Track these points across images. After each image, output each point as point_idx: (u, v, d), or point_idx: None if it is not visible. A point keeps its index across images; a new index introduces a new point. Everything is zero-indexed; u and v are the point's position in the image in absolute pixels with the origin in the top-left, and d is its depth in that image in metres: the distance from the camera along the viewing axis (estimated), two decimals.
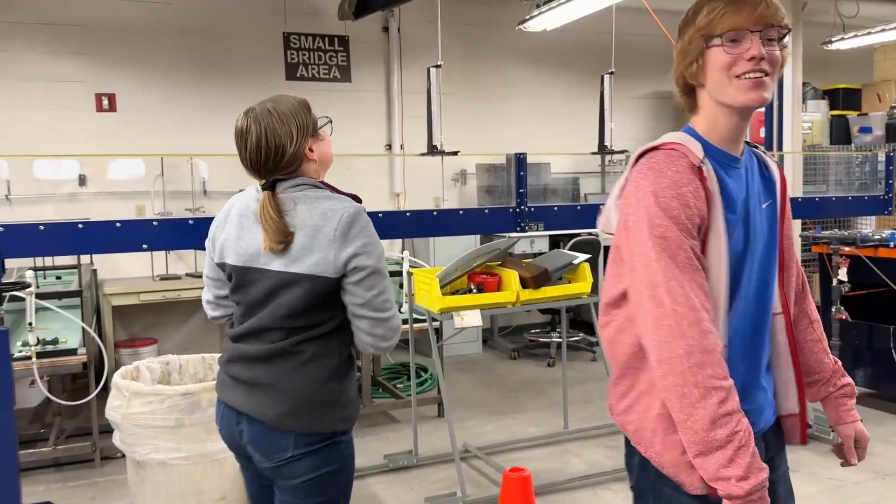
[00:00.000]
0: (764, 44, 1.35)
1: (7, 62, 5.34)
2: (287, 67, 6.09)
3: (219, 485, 2.93)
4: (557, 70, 7.05)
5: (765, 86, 1.35)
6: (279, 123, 1.89)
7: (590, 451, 4.02)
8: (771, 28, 1.36)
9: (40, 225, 2.81)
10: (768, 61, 1.35)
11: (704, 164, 1.37)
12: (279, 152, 1.87)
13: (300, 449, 1.76)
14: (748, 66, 1.34)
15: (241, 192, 2.05)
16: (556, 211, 3.64)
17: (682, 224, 1.31)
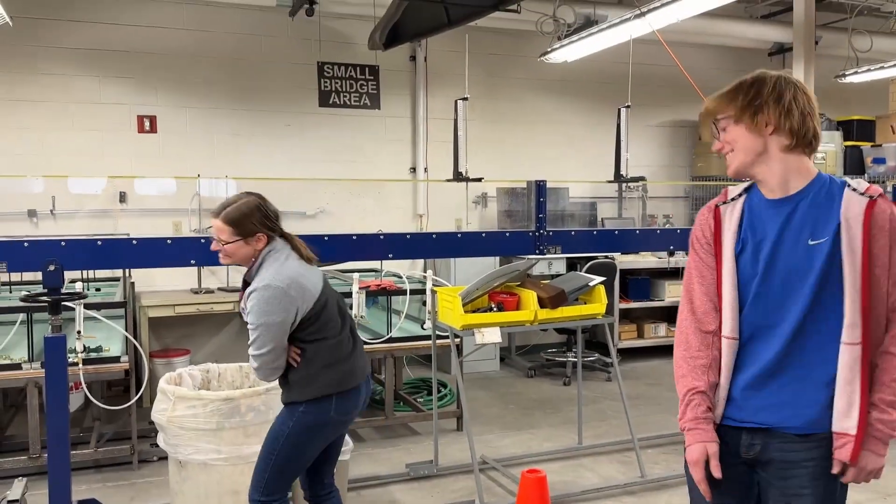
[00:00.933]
0: (719, 133, 1.81)
1: (57, 85, 5.67)
2: (320, 95, 6.39)
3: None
4: (577, 99, 7.28)
5: (729, 162, 1.81)
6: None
7: (603, 466, 4.18)
8: (715, 121, 1.81)
9: (98, 240, 3.07)
10: (724, 143, 1.80)
11: (727, 204, 1.83)
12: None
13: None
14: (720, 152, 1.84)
15: (281, 267, 2.58)
16: (574, 235, 3.85)
17: (693, 243, 1.87)
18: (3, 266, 2.87)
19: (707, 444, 1.73)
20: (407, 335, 4.75)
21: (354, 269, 5.56)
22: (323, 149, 6.38)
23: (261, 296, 2.48)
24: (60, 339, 3.01)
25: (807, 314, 1.69)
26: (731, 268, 1.76)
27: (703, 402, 1.74)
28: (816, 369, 1.69)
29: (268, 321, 2.48)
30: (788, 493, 1.70)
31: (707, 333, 1.78)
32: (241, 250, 2.57)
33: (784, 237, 1.72)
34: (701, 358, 1.77)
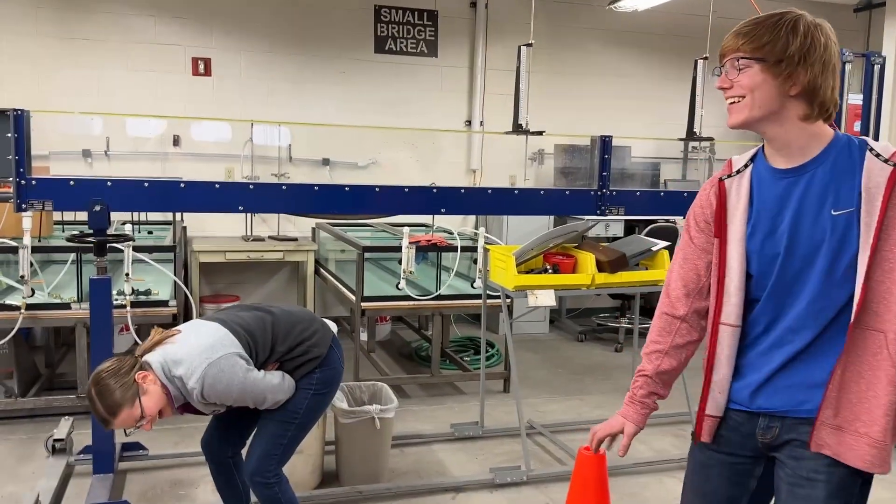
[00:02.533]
0: (733, 72, 1.53)
1: (113, 24, 5.61)
2: (376, 40, 6.18)
3: None
4: (646, 52, 6.91)
5: (735, 109, 1.55)
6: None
7: (656, 439, 4.02)
8: (735, 58, 1.53)
9: (145, 182, 3.00)
10: (737, 87, 1.53)
11: (732, 177, 1.63)
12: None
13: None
14: (725, 95, 1.57)
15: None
16: (639, 196, 3.63)
17: (688, 220, 1.72)
18: (49, 204, 2.82)
19: (627, 422, 1.74)
20: (456, 293, 4.62)
21: (405, 223, 5.44)
22: (377, 98, 6.21)
23: (210, 387, 2.23)
24: (105, 280, 2.97)
25: (827, 292, 1.53)
26: (740, 251, 1.58)
27: (644, 385, 1.73)
28: (837, 349, 1.52)
29: (240, 388, 2.27)
30: (800, 476, 1.56)
31: (675, 318, 1.71)
32: (154, 399, 2.24)
33: (804, 209, 1.52)
34: (658, 343, 1.73)
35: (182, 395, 2.29)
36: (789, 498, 1.58)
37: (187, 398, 2.29)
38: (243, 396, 2.32)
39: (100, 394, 2.19)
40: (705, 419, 1.66)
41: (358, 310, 4.40)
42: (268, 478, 2.45)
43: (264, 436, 2.46)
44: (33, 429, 3.82)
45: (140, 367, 2.26)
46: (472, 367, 4.91)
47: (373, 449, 3.31)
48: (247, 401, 2.34)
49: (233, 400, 2.33)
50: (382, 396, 3.48)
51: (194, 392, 2.24)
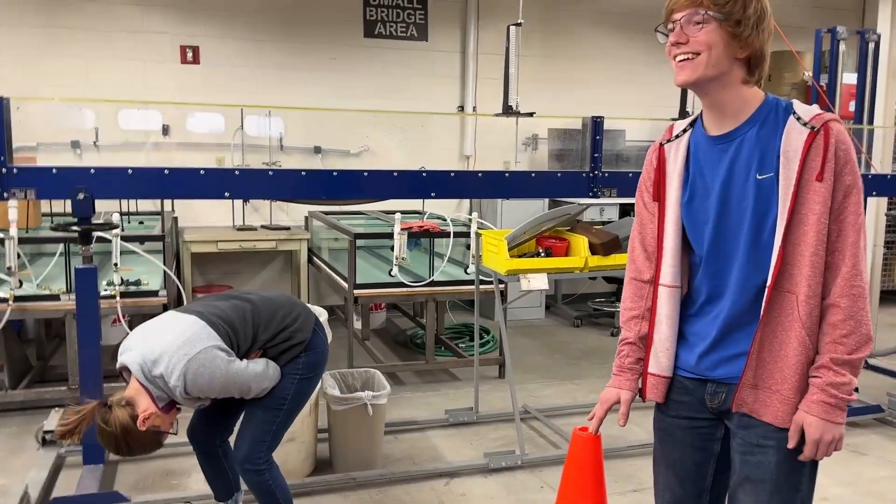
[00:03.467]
0: (690, 28, 1.49)
1: (99, 13, 5.54)
2: (366, 25, 6.12)
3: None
4: (638, 34, 6.84)
5: (687, 66, 1.51)
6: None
7: (650, 421, 3.97)
8: (693, 13, 1.48)
9: (129, 169, 2.95)
10: (694, 42, 1.49)
11: (672, 142, 1.65)
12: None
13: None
14: (674, 51, 1.54)
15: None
16: (631, 178, 3.58)
17: (640, 185, 1.74)
18: (31, 193, 2.78)
19: (622, 391, 1.74)
20: (450, 279, 4.59)
21: (397, 210, 5.40)
22: (368, 84, 6.15)
23: (192, 381, 2.21)
24: (91, 270, 2.94)
25: (755, 256, 1.54)
26: (676, 214, 1.62)
27: (630, 352, 1.73)
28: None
29: (223, 380, 2.26)
30: (750, 444, 1.57)
31: (643, 283, 1.73)
32: (159, 419, 2.29)
33: (733, 176, 1.54)
34: (633, 309, 1.74)
35: (165, 394, 2.26)
36: (742, 466, 1.59)
37: (171, 396, 2.27)
38: (227, 388, 2.29)
39: (137, 452, 2.33)
40: (649, 378, 1.69)
41: (351, 297, 4.37)
42: (258, 465, 2.43)
43: (253, 423, 2.43)
44: (24, 421, 3.79)
45: (120, 376, 2.30)
46: (466, 353, 4.89)
47: (366, 435, 3.29)
48: (231, 392, 2.32)
49: (217, 393, 2.30)
50: (375, 383, 3.46)
51: (177, 389, 2.22)
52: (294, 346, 2.43)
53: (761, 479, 1.55)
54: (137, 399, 2.24)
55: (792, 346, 1.50)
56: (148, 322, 2.41)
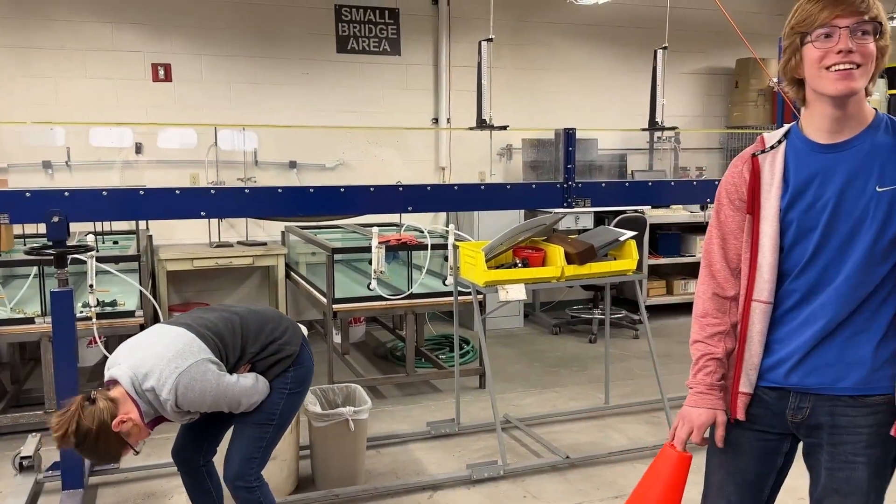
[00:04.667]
0: (856, 37, 1.47)
1: (70, 31, 5.50)
2: (338, 40, 6.14)
3: None
4: (608, 44, 6.95)
5: (852, 77, 1.48)
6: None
7: (630, 427, 4.04)
8: (860, 22, 1.47)
9: (103, 191, 2.94)
10: (859, 54, 1.47)
11: (766, 153, 1.61)
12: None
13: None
14: (836, 59, 1.48)
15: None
16: (604, 187, 3.64)
17: (721, 197, 1.69)
18: (4, 217, 2.76)
19: (717, 412, 1.66)
20: (429, 291, 4.61)
21: (375, 223, 5.41)
22: (342, 98, 6.17)
23: (182, 395, 2.19)
24: (67, 293, 2.91)
25: (867, 268, 1.52)
26: (774, 227, 1.58)
27: (717, 369, 1.66)
28: (873, 326, 1.54)
29: (213, 393, 2.24)
30: (839, 460, 1.57)
31: (725, 299, 1.67)
32: (136, 431, 2.22)
33: (849, 185, 1.52)
34: (718, 325, 1.67)
35: (153, 410, 2.24)
36: (829, 481, 1.58)
37: (160, 411, 2.25)
38: (218, 402, 2.28)
39: (95, 454, 2.22)
40: (739, 396, 1.65)
41: (330, 312, 4.37)
42: (250, 482, 2.41)
43: (242, 439, 2.42)
44: (0, 447, 3.73)
45: (102, 400, 2.18)
46: (447, 364, 4.90)
47: (348, 451, 3.29)
48: (221, 406, 2.31)
49: (207, 406, 2.29)
50: (356, 398, 3.46)
51: (168, 403, 2.20)
52: (282, 360, 2.43)
53: (850, 492, 1.56)
54: (122, 402, 2.20)
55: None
56: (136, 336, 2.39)
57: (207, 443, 2.57)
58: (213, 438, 2.57)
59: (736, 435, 1.69)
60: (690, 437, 1.67)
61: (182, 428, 2.53)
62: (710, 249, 1.70)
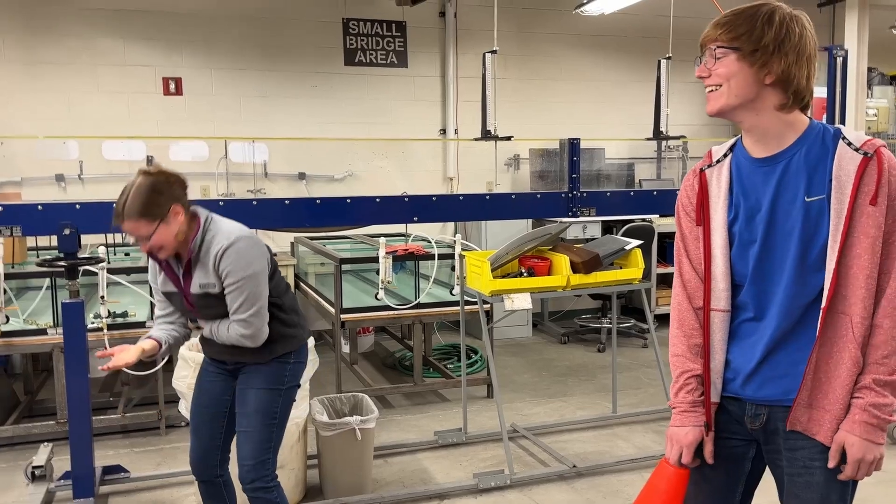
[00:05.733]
0: (709, 60, 1.57)
1: (82, 48, 5.59)
2: (346, 53, 6.21)
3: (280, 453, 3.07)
4: (613, 54, 6.98)
5: (711, 99, 1.59)
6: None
7: (638, 436, 4.04)
8: (710, 47, 1.56)
9: (114, 203, 2.98)
10: (714, 76, 1.57)
11: (713, 167, 1.67)
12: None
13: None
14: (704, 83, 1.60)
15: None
16: (609, 197, 3.66)
17: (679, 211, 1.74)
18: (17, 230, 2.81)
19: (700, 430, 1.67)
20: (436, 300, 4.63)
21: (382, 234, 5.45)
22: (350, 110, 6.23)
23: (235, 249, 2.27)
24: (78, 304, 2.96)
25: (802, 278, 1.55)
26: (723, 237, 1.61)
27: (698, 386, 1.67)
28: (813, 335, 1.55)
29: (253, 272, 2.29)
30: (797, 465, 1.58)
31: (698, 309, 1.69)
32: (168, 234, 2.25)
33: (780, 197, 1.56)
34: (696, 337, 1.68)
35: (197, 251, 2.29)
36: (790, 486, 1.59)
37: (200, 256, 2.28)
38: (247, 285, 2.27)
39: (140, 190, 2.23)
40: (711, 407, 1.66)
41: (338, 322, 4.40)
42: (268, 482, 2.44)
43: (251, 444, 2.43)
44: (13, 457, 3.78)
45: (186, 205, 2.30)
46: (454, 374, 4.92)
47: (355, 460, 3.31)
48: (241, 294, 2.27)
49: (234, 280, 2.26)
50: (363, 407, 3.48)
51: (217, 249, 2.25)
52: (292, 338, 2.46)
53: (810, 498, 1.56)
54: (189, 216, 2.30)
55: (846, 366, 1.51)
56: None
57: (222, 451, 2.59)
58: (227, 446, 2.59)
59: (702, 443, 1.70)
60: (682, 457, 1.67)
61: (197, 440, 2.54)
62: (679, 261, 1.74)
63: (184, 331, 2.52)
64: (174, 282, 2.38)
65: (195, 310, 2.39)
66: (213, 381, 2.52)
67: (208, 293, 2.31)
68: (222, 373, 2.51)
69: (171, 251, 2.31)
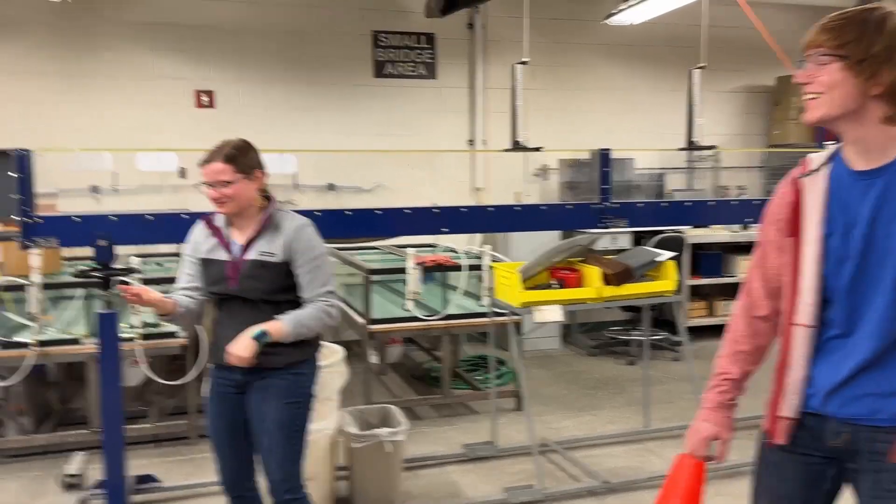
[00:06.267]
0: (813, 68, 1.48)
1: (116, 61, 5.69)
2: (375, 65, 6.25)
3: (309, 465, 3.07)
4: (644, 64, 6.93)
5: (811, 107, 1.50)
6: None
7: (671, 451, 3.94)
8: (813, 53, 1.48)
9: (149, 215, 3.02)
10: (816, 83, 1.48)
11: (808, 176, 1.59)
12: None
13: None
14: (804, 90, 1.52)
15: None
16: (641, 208, 3.62)
17: (766, 219, 1.68)
18: (54, 241, 2.85)
19: (722, 430, 1.71)
20: (464, 312, 4.61)
21: (410, 244, 5.45)
22: (378, 121, 6.26)
23: (312, 229, 2.41)
24: (112, 315, 2.99)
25: None
26: (816, 251, 1.54)
27: (731, 389, 1.70)
28: None
29: (325, 252, 2.42)
30: (881, 488, 1.52)
31: (757, 319, 1.68)
32: (245, 190, 2.37)
33: (880, 213, 1.47)
34: (742, 345, 1.70)
35: (268, 222, 2.38)
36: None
37: (269, 227, 2.37)
38: (324, 263, 2.39)
39: (239, 143, 2.43)
40: (779, 421, 1.63)
41: (366, 332, 4.40)
42: (298, 493, 2.44)
43: (277, 459, 2.42)
44: (47, 465, 3.83)
45: (266, 176, 2.47)
46: (483, 386, 4.89)
47: (385, 472, 3.29)
48: (320, 269, 2.38)
49: (315, 256, 2.37)
50: (392, 419, 3.47)
51: (295, 224, 2.38)
52: (306, 346, 2.44)
53: None
54: (254, 184, 2.41)
55: None
56: None
57: (249, 467, 2.57)
58: (253, 462, 2.58)
59: (780, 459, 1.66)
60: (695, 449, 1.71)
61: (222, 461, 2.52)
62: (751, 267, 1.71)
63: (199, 306, 2.51)
64: (225, 247, 2.41)
65: (235, 280, 2.37)
66: (223, 402, 2.47)
67: (264, 262, 2.35)
68: (230, 392, 2.45)
69: (235, 209, 2.37)
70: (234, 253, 2.39)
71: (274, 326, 2.31)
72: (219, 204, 2.38)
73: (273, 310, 2.36)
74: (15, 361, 3.71)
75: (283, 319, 2.33)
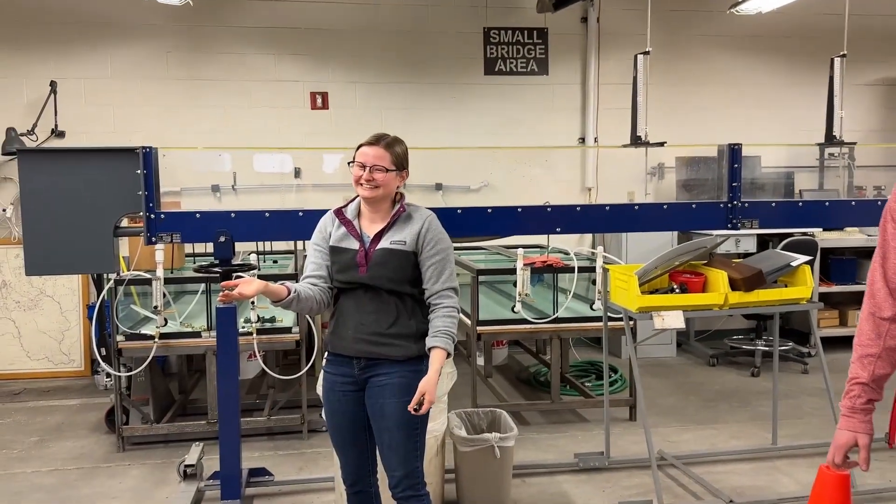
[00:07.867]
0: None
1: (237, 64, 5.90)
2: (486, 62, 6.17)
3: None
4: (770, 56, 6.51)
5: None
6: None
7: (802, 472, 3.66)
8: None
9: (266, 213, 3.07)
10: None
11: None
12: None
13: None
14: None
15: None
16: (774, 207, 3.35)
17: (886, 215, 1.63)
18: (177, 236, 2.94)
19: (858, 434, 1.67)
20: (574, 315, 4.45)
21: (519, 245, 5.32)
22: (488, 120, 6.18)
23: (440, 224, 2.45)
24: (231, 309, 3.05)
25: None
26: None
27: (862, 393, 1.67)
28: None
29: (451, 247, 2.44)
30: None
31: (883, 320, 1.65)
32: (392, 183, 2.43)
33: None
34: (870, 347, 1.66)
35: (400, 214, 2.42)
36: None
37: (402, 219, 2.42)
38: (450, 256, 2.42)
39: (401, 141, 2.53)
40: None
41: (474, 334, 4.33)
42: (419, 490, 2.40)
43: (399, 455, 2.38)
44: (168, 453, 3.98)
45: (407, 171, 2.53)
46: (594, 392, 4.71)
47: (493, 478, 3.20)
48: (447, 263, 2.40)
49: (443, 248, 2.40)
50: (501, 423, 3.37)
51: (426, 217, 2.44)
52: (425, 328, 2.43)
53: None
54: (398, 182, 2.47)
55: None
56: None
57: (371, 462, 2.54)
58: (374, 457, 2.54)
59: None
60: (832, 458, 1.68)
61: (344, 458, 2.50)
62: (872, 268, 1.68)
63: (321, 294, 2.45)
64: (355, 237, 2.41)
65: (365, 267, 2.36)
66: (341, 400, 2.43)
67: (394, 250, 2.37)
68: (349, 388, 2.42)
69: (377, 195, 2.39)
70: (365, 242, 2.40)
71: (436, 355, 2.31)
72: (365, 187, 2.39)
73: (397, 301, 2.35)
74: (140, 352, 3.88)
75: (435, 342, 2.31)
